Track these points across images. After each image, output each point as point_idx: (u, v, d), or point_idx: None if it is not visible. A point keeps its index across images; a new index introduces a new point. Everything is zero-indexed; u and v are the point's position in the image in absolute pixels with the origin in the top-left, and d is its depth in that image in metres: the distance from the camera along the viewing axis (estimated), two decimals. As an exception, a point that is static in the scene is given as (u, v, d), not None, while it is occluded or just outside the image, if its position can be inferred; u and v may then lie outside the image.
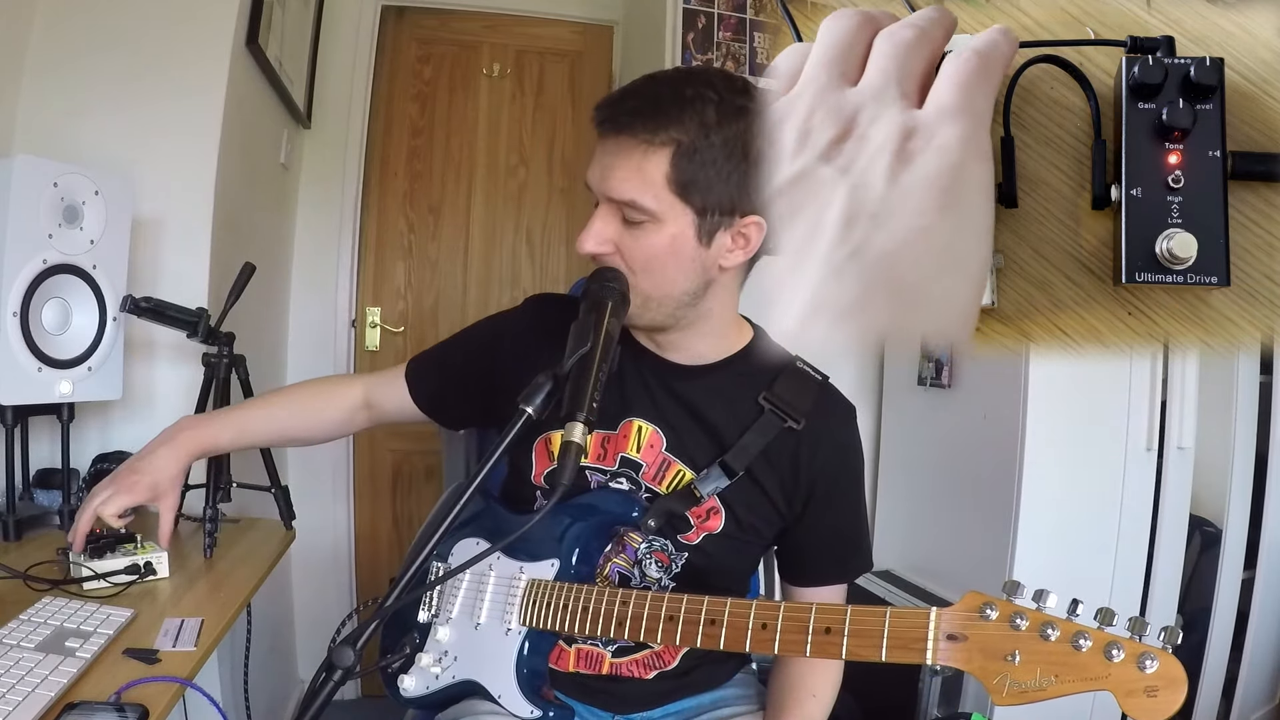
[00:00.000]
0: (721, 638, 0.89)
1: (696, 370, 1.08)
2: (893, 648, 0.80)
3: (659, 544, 1.07)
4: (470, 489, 0.83)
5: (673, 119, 0.92)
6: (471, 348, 1.20)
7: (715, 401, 1.07)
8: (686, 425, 1.07)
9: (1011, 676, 0.75)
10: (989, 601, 0.77)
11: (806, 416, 1.05)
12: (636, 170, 0.93)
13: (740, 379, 1.08)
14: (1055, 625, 0.74)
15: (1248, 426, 2.24)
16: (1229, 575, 2.24)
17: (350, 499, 2.75)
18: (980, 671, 0.76)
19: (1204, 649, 2.22)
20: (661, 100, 0.93)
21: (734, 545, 1.08)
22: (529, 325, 1.16)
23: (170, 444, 1.15)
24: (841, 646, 0.82)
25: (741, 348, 1.10)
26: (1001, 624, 0.76)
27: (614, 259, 0.97)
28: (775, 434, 1.04)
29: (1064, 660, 0.74)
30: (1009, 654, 0.75)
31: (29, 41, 1.64)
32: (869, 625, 0.82)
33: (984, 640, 0.77)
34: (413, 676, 1.05)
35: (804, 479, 1.06)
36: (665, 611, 0.92)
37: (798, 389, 1.06)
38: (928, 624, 0.79)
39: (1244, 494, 2.25)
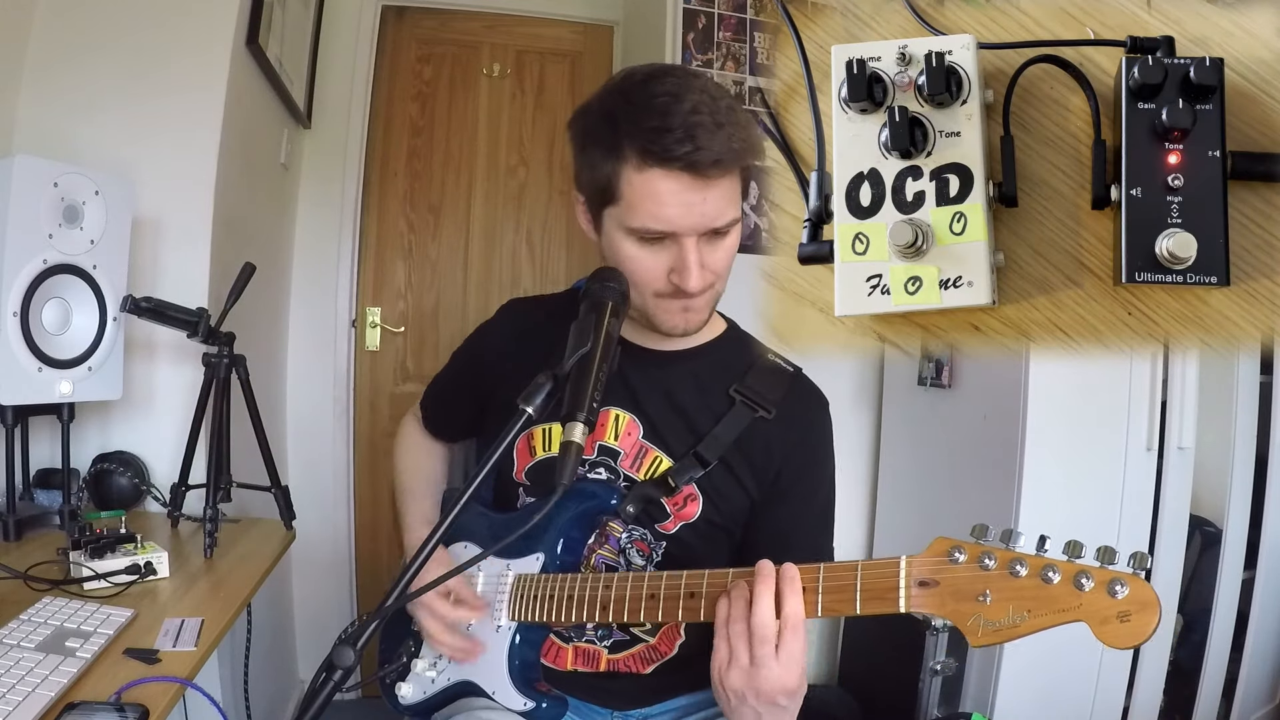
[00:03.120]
0: (701, 610, 0.89)
1: (671, 355, 1.10)
2: (866, 599, 0.80)
3: (638, 533, 1.09)
4: (469, 491, 0.83)
5: (748, 145, 0.95)
6: (458, 369, 1.27)
7: (688, 387, 1.09)
8: (661, 412, 1.09)
9: (985, 616, 0.76)
10: (957, 545, 0.78)
11: (777, 406, 1.07)
12: (728, 197, 0.96)
13: (714, 368, 1.10)
14: (1023, 561, 0.75)
15: (1248, 426, 2.23)
16: (1229, 575, 2.23)
17: (350, 499, 2.75)
18: (954, 614, 0.77)
19: (1204, 649, 2.22)
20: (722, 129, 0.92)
21: (711, 533, 1.09)
22: (506, 331, 1.21)
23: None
24: (817, 604, 0.83)
25: (715, 337, 1.13)
26: (971, 565, 0.77)
27: (716, 283, 1.02)
28: (747, 423, 1.06)
29: (1034, 595, 0.74)
30: (980, 594, 0.76)
31: (29, 41, 1.64)
32: (842, 580, 0.82)
33: (955, 583, 0.77)
34: (410, 684, 1.06)
35: (773, 465, 1.08)
36: (646, 590, 0.93)
37: (770, 380, 1.09)
38: (898, 572, 0.79)
39: (1244, 494, 2.25)
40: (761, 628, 0.81)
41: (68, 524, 1.37)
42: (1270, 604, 2.27)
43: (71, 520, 1.36)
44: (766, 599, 0.82)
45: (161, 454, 1.67)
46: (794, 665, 0.82)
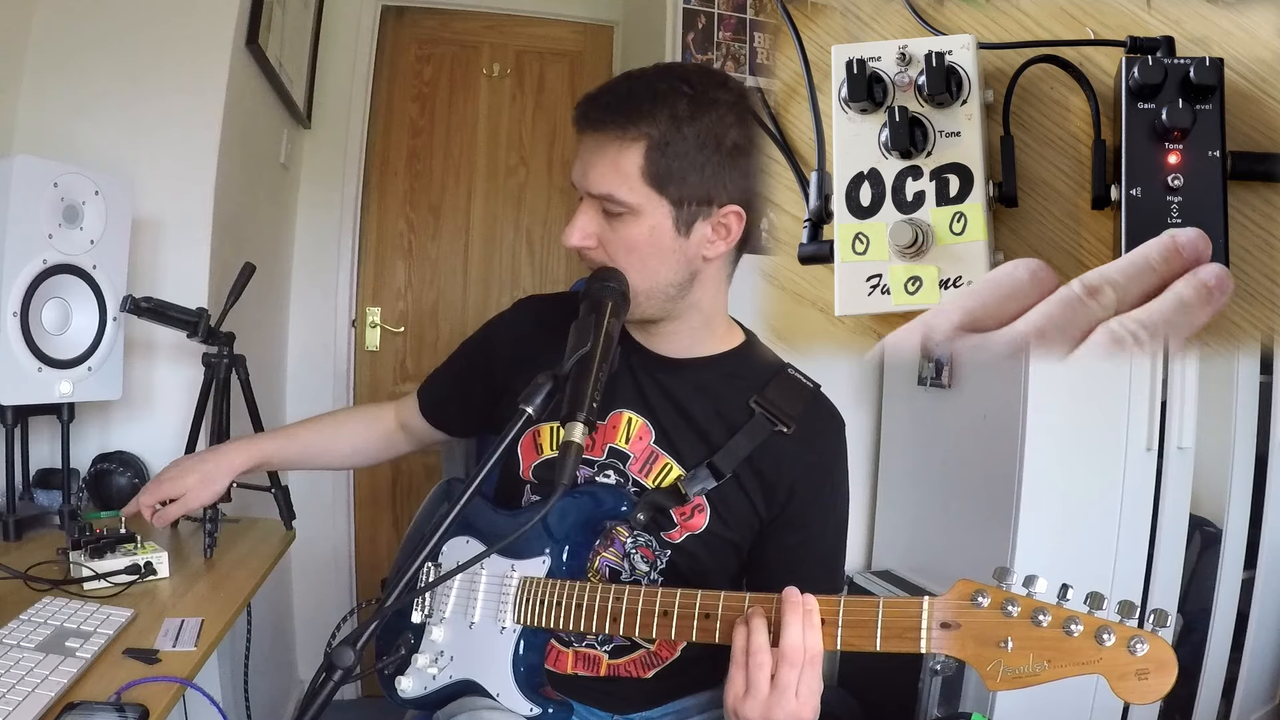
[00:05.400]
0: (716, 631, 0.89)
1: (683, 363, 1.09)
2: (887, 637, 0.81)
3: (644, 539, 1.08)
4: (470, 490, 0.83)
5: (644, 114, 0.95)
6: (469, 356, 1.25)
7: (700, 397, 1.08)
8: (672, 419, 1.08)
9: (1005, 663, 0.76)
10: (980, 589, 0.78)
11: (796, 422, 1.05)
12: (612, 165, 0.96)
13: (730, 379, 1.08)
14: (1046, 611, 0.76)
15: (1248, 426, 2.23)
16: (1229, 575, 2.23)
17: (350, 499, 2.75)
18: (974, 659, 0.77)
19: (1204, 649, 2.22)
20: (634, 96, 0.96)
21: (716, 545, 1.08)
22: (520, 326, 1.19)
23: (237, 444, 1.27)
24: (836, 637, 0.82)
25: (732, 348, 1.11)
26: (994, 611, 0.77)
27: (598, 252, 1.00)
28: (765, 437, 1.05)
29: (1056, 646, 0.75)
30: (1002, 640, 0.76)
31: (29, 41, 1.64)
32: (863, 615, 0.82)
33: (977, 628, 0.77)
34: (410, 678, 1.05)
35: (785, 484, 1.06)
36: (659, 606, 0.92)
37: (789, 394, 1.07)
38: (921, 613, 0.79)
39: (1244, 494, 2.25)
40: (792, 651, 0.81)
41: (67, 524, 1.37)
42: (1270, 604, 2.27)
43: (71, 520, 1.36)
44: (796, 626, 0.82)
45: (161, 454, 1.67)
46: (811, 698, 0.82)
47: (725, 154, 0.97)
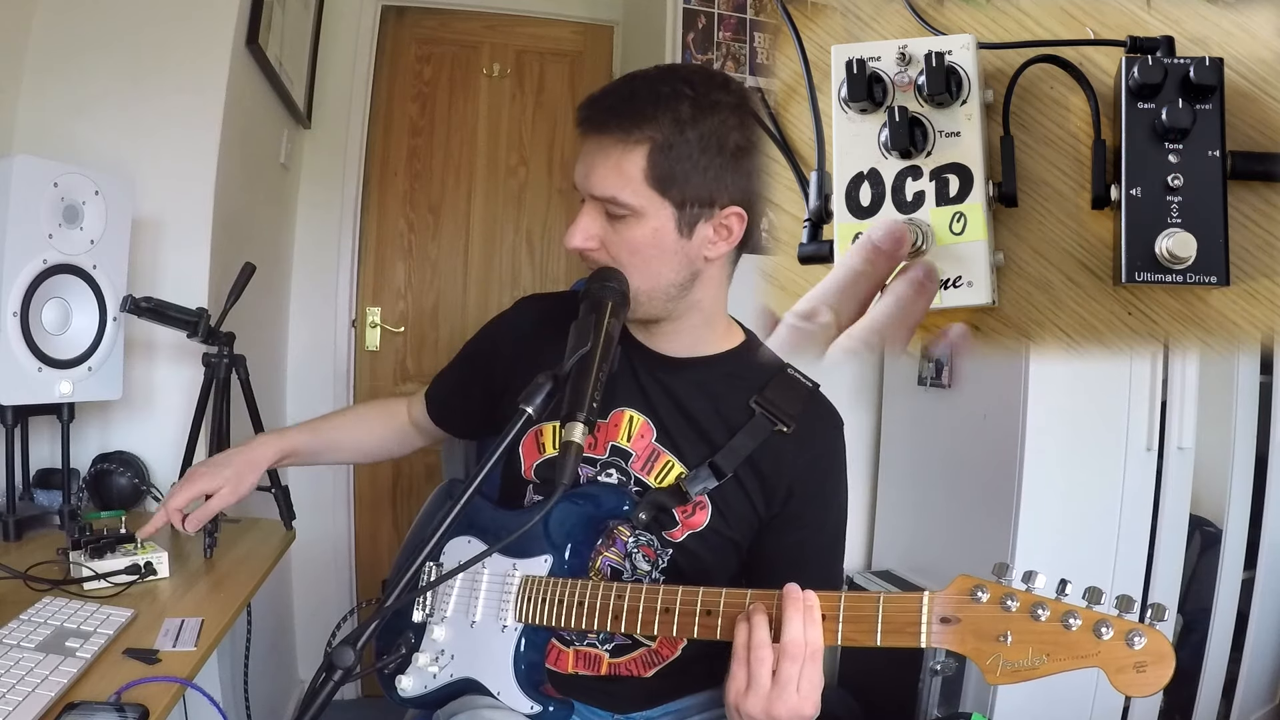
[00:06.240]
0: (718, 628, 0.89)
1: (684, 363, 1.10)
2: (887, 632, 0.81)
3: (645, 539, 1.08)
4: (470, 490, 0.83)
5: (647, 117, 0.96)
6: (470, 359, 1.26)
7: (700, 396, 1.08)
8: (673, 417, 1.08)
9: (1004, 657, 0.77)
10: (980, 584, 0.79)
11: (796, 421, 1.06)
12: (615, 167, 0.97)
13: (730, 379, 1.09)
14: (1045, 605, 0.76)
15: (1248, 426, 2.23)
16: (1229, 575, 2.23)
17: (350, 499, 2.75)
18: (974, 653, 0.78)
19: (1204, 649, 2.22)
20: (637, 99, 0.97)
21: (717, 543, 1.08)
22: (521, 325, 1.20)
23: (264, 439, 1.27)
24: (837, 633, 0.83)
25: (732, 348, 1.12)
26: (993, 606, 0.78)
27: (600, 254, 1.01)
28: (765, 437, 1.06)
29: (1055, 640, 0.76)
30: (1001, 635, 0.77)
31: (29, 41, 1.64)
32: (863, 610, 0.82)
33: (976, 622, 0.78)
34: (410, 676, 1.05)
35: (784, 483, 1.07)
36: (661, 604, 0.92)
37: (789, 394, 1.08)
38: (921, 608, 0.80)
39: (1244, 494, 2.25)
40: (793, 646, 0.81)
41: (68, 524, 1.37)
42: (1270, 604, 2.27)
43: (71, 520, 1.36)
44: (797, 621, 0.82)
45: (161, 454, 1.67)
46: (813, 693, 0.82)
47: (727, 156, 0.98)
